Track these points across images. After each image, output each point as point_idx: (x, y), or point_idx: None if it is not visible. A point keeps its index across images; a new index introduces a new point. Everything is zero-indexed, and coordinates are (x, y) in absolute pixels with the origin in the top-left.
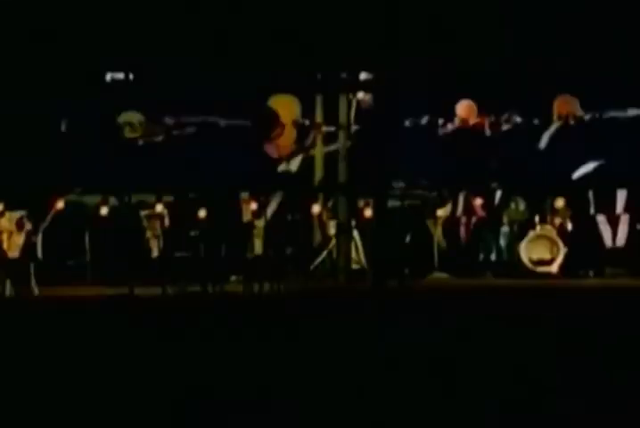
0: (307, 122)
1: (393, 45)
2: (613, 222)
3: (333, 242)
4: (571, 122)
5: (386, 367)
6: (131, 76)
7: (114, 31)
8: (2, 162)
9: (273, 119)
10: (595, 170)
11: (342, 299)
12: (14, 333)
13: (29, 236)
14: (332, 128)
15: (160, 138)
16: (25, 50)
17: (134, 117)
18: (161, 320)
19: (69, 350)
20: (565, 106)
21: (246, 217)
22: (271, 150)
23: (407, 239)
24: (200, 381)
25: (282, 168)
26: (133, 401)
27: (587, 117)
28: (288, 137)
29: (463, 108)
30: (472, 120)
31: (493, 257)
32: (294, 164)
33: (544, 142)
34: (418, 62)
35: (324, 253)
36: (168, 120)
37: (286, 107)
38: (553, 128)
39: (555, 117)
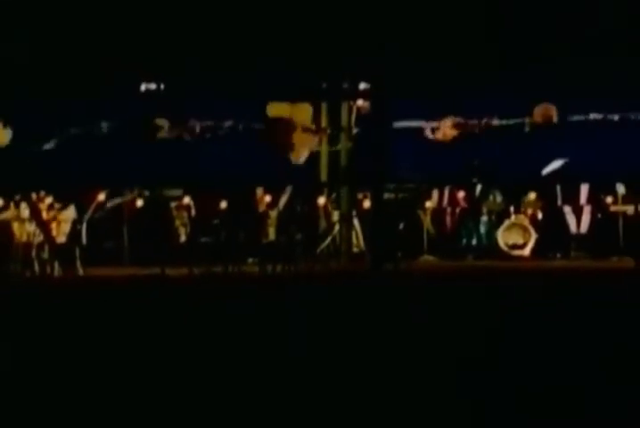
0: (313, 126)
1: (389, 59)
2: (577, 212)
3: (337, 229)
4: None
5: (383, 336)
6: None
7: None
8: (52, 162)
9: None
10: (562, 167)
11: (344, 278)
12: (62, 307)
13: (75, 224)
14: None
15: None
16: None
17: (160, 122)
18: (188, 296)
19: (108, 322)
20: (544, 114)
21: (261, 207)
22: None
23: (400, 227)
24: (220, 347)
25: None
26: (167, 368)
27: (555, 120)
28: (302, 141)
29: (449, 124)
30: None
31: (474, 242)
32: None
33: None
34: (411, 73)
35: (329, 239)
36: (193, 123)
37: (301, 112)
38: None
39: (529, 121)
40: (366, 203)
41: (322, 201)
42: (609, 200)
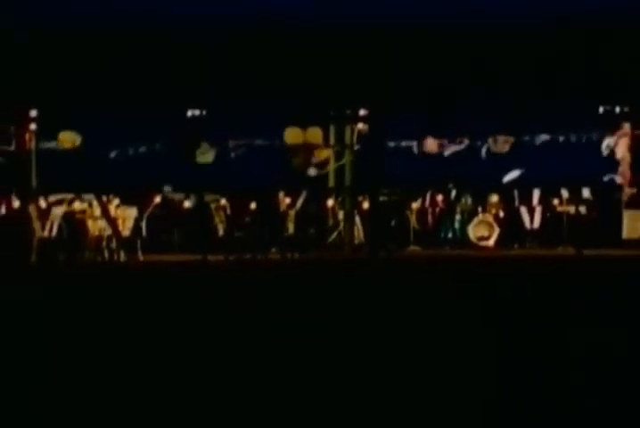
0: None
1: (384, 91)
2: (531, 211)
3: (342, 225)
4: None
5: (379, 309)
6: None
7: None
8: (118, 171)
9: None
10: (519, 176)
11: (348, 263)
12: (127, 284)
13: (137, 221)
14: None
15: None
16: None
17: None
18: (224, 276)
19: (162, 295)
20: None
21: (282, 208)
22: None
23: (392, 223)
24: (249, 317)
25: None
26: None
27: (513, 140)
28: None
29: (430, 144)
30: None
31: (450, 235)
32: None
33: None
34: (402, 102)
35: (335, 233)
36: (232, 143)
37: (315, 135)
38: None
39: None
40: (365, 205)
41: (330, 202)
42: (555, 202)
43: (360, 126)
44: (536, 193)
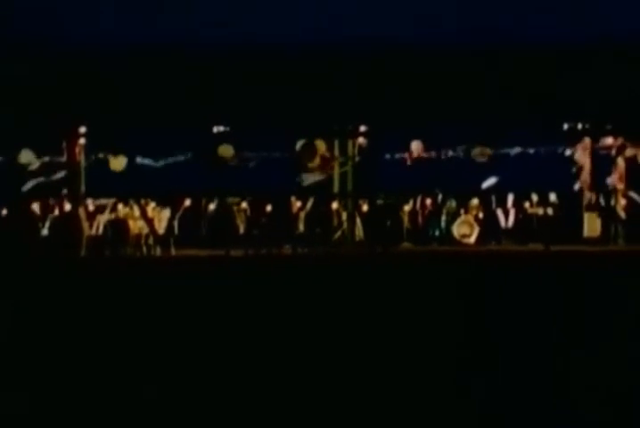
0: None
1: (380, 109)
2: (506, 213)
3: (345, 225)
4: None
5: (377, 293)
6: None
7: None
8: (154, 179)
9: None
10: (495, 183)
11: (350, 257)
12: (159, 273)
13: (171, 221)
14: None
15: (253, 164)
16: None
17: (226, 151)
18: (244, 267)
19: (191, 283)
20: (482, 153)
21: (294, 210)
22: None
23: (387, 223)
24: (266, 300)
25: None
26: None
27: (491, 152)
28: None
29: (415, 146)
30: (420, 154)
31: (437, 233)
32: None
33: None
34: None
35: (339, 232)
36: (249, 153)
37: (319, 146)
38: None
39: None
40: (365, 207)
41: (335, 205)
42: (527, 205)
43: (360, 140)
44: (510, 198)
